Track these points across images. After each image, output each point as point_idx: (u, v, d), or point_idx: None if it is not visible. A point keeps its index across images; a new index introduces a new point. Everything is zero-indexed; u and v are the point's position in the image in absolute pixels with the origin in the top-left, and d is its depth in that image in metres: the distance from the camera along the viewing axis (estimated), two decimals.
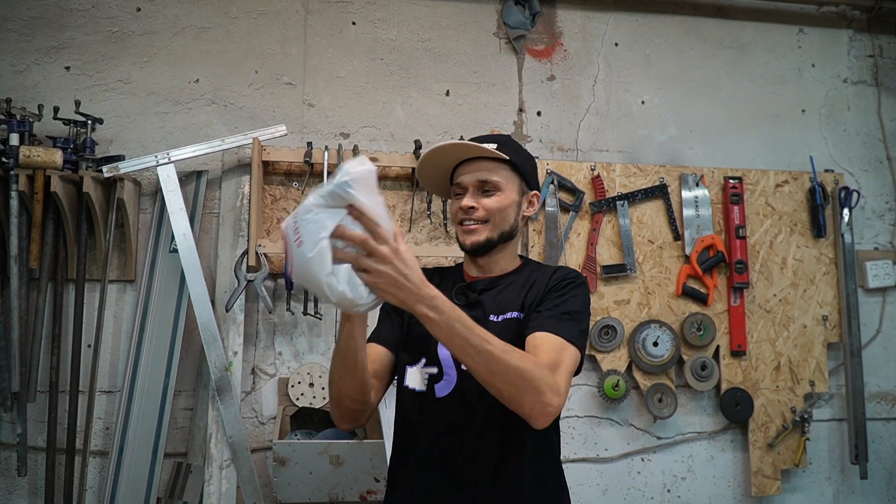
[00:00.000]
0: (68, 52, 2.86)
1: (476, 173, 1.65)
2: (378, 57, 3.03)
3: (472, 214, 1.64)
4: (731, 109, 3.25)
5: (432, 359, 1.65)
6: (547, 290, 1.64)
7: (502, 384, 1.38)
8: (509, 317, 1.63)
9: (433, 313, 1.33)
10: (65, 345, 2.69)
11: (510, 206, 1.67)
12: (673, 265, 3.05)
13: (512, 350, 1.39)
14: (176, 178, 2.70)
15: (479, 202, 1.64)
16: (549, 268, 1.73)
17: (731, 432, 3.09)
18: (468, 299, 1.67)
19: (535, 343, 1.51)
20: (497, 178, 1.65)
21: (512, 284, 1.70)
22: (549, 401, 1.39)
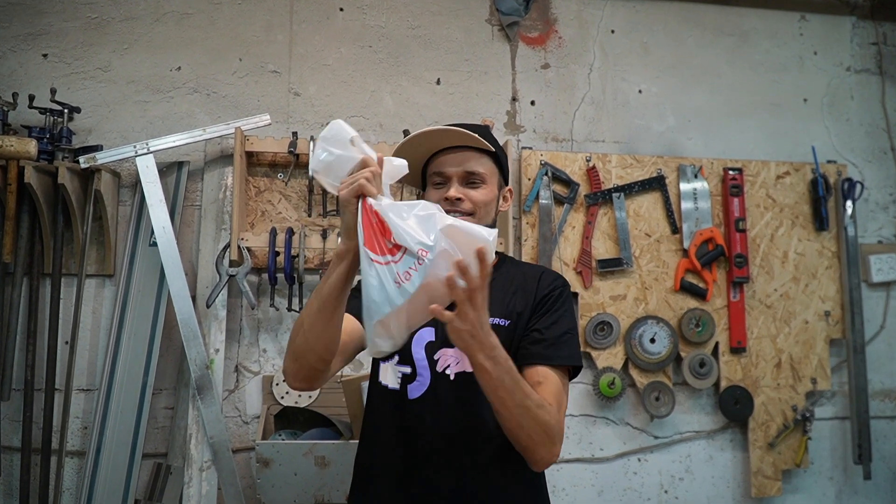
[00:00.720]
0: (46, 38, 2.76)
1: (462, 163, 1.57)
2: (366, 44, 2.93)
3: (458, 206, 1.55)
4: (731, 98, 3.16)
5: (406, 357, 1.59)
6: (536, 302, 1.58)
7: (525, 437, 1.38)
8: (492, 322, 1.53)
9: (489, 364, 1.32)
10: (41, 341, 2.60)
11: (493, 201, 1.61)
12: (671, 259, 2.96)
13: (544, 405, 1.39)
14: (155, 169, 2.61)
15: (466, 193, 1.56)
16: (531, 269, 1.67)
17: (731, 431, 3.00)
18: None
19: (538, 379, 1.47)
20: (483, 170, 1.58)
21: (491, 284, 1.58)
22: (557, 451, 1.42)
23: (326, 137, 1.33)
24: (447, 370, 1.55)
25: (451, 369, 1.55)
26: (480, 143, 1.57)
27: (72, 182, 2.53)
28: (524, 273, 1.64)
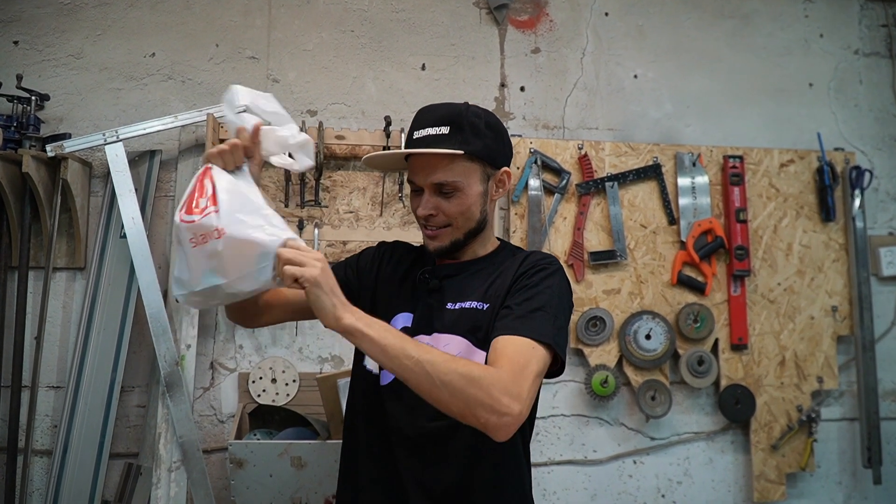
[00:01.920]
0: (17, 25, 2.67)
1: (430, 175, 1.45)
2: (348, 29, 2.82)
3: (431, 222, 1.49)
4: (732, 84, 3.01)
5: None
6: (514, 279, 1.45)
7: (448, 396, 1.23)
8: (467, 306, 1.46)
9: (361, 325, 1.26)
10: (7, 336, 2.50)
11: (474, 204, 1.48)
12: (667, 251, 2.82)
13: (455, 358, 1.27)
14: (125, 158, 2.51)
15: (439, 206, 1.47)
16: (522, 254, 1.55)
17: (732, 433, 2.85)
18: (428, 285, 1.52)
19: (496, 348, 1.33)
20: (454, 178, 1.45)
21: (480, 271, 1.53)
22: (506, 409, 1.23)
23: (224, 98, 1.40)
24: None
25: None
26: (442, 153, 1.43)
27: (38, 171, 2.44)
28: (514, 258, 1.53)
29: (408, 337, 1.29)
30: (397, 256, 1.64)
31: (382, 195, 2.69)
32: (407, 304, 1.54)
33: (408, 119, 2.73)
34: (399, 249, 1.67)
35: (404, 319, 1.52)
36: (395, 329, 1.30)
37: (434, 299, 1.51)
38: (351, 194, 2.70)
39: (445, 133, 1.43)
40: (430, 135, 1.44)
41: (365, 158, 1.55)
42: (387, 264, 1.63)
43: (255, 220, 1.27)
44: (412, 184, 1.50)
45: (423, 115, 1.49)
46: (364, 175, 2.71)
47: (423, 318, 1.50)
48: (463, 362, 1.26)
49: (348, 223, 2.68)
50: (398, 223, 2.71)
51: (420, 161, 1.46)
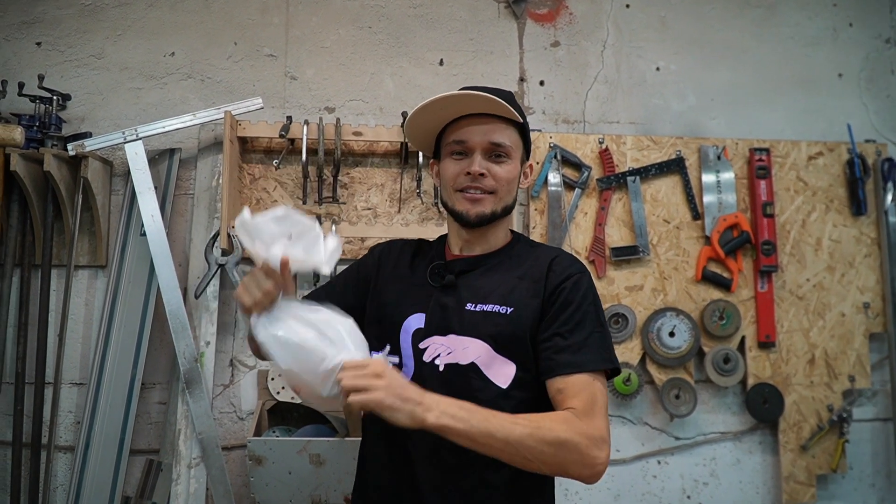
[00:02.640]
0: (40, 26, 2.71)
1: (487, 133, 1.42)
2: (366, 25, 2.81)
3: (480, 182, 1.43)
4: (758, 75, 2.93)
5: (395, 346, 1.47)
6: (548, 294, 1.41)
7: (543, 464, 1.26)
8: (490, 309, 1.42)
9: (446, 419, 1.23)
10: (31, 334, 2.53)
11: (516, 178, 1.48)
12: (692, 247, 2.76)
13: (541, 426, 1.25)
14: (144, 156, 2.53)
15: (489, 168, 1.43)
16: (543, 252, 1.50)
17: (760, 433, 2.78)
18: (443, 281, 1.47)
19: (563, 391, 1.34)
20: (508, 143, 1.44)
21: (497, 266, 1.48)
22: (598, 460, 1.28)
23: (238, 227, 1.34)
24: (436, 360, 1.42)
25: (440, 360, 1.42)
26: (509, 113, 1.41)
27: (59, 170, 2.46)
28: (536, 256, 1.49)
29: (485, 412, 1.25)
30: (395, 255, 1.60)
31: (400, 191, 2.67)
32: (417, 303, 1.49)
33: None
34: (395, 248, 1.63)
35: (417, 321, 1.47)
36: (468, 406, 1.25)
37: (449, 298, 1.46)
38: (369, 191, 2.68)
39: (501, 99, 1.40)
40: (490, 99, 1.40)
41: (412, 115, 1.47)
42: (386, 265, 1.59)
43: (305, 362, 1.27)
44: (460, 144, 1.44)
45: (469, 88, 1.43)
46: (382, 171, 2.70)
47: (436, 319, 1.45)
48: (545, 427, 1.25)
49: (366, 220, 2.66)
50: (416, 219, 2.68)
51: (474, 122, 1.42)
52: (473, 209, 1.44)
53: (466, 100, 1.41)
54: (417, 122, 1.49)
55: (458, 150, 1.45)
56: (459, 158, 1.45)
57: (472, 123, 1.43)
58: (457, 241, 1.54)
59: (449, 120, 1.47)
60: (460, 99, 1.41)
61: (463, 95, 1.40)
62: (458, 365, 1.40)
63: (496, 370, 1.40)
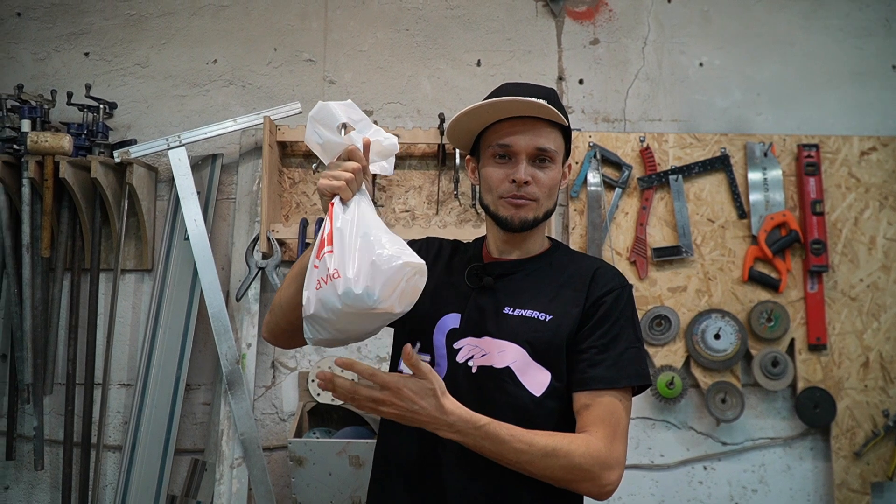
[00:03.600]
0: (87, 37, 2.80)
1: (533, 139, 1.38)
2: (403, 28, 2.82)
3: (526, 191, 1.39)
4: (806, 68, 2.83)
5: (427, 344, 1.44)
6: (589, 305, 1.39)
7: (552, 481, 1.29)
8: (528, 315, 1.39)
9: (459, 437, 1.25)
10: (81, 336, 2.61)
11: (558, 182, 1.44)
12: (738, 247, 2.68)
13: (556, 450, 1.26)
14: (187, 162, 2.58)
15: (534, 175, 1.39)
16: (585, 262, 1.48)
17: (811, 438, 2.69)
18: (481, 283, 1.45)
19: (585, 403, 1.33)
20: (553, 148, 1.39)
21: (536, 273, 1.45)
22: (608, 481, 1.29)
23: (315, 118, 1.30)
24: (469, 362, 1.39)
25: (473, 361, 1.38)
26: (555, 117, 1.37)
27: (106, 177, 2.54)
28: (578, 266, 1.46)
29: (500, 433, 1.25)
30: (433, 252, 1.56)
31: (438, 193, 2.67)
32: (453, 303, 1.45)
33: None
34: (433, 245, 1.60)
35: (453, 320, 1.44)
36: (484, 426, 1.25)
37: (487, 300, 1.43)
38: (407, 193, 2.69)
39: (545, 103, 1.36)
40: (538, 104, 1.36)
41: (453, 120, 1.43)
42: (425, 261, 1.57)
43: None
44: (504, 148, 1.39)
45: (514, 86, 1.41)
46: (420, 174, 2.70)
47: (472, 320, 1.42)
48: (562, 452, 1.26)
49: (404, 222, 2.67)
50: (454, 221, 2.68)
51: (518, 125, 1.38)
52: (518, 215, 1.40)
53: (515, 104, 1.38)
54: (460, 125, 1.47)
55: (501, 153, 1.40)
56: (503, 163, 1.40)
57: (516, 126, 1.38)
58: (495, 244, 1.51)
59: (492, 121, 1.44)
60: (508, 104, 1.37)
61: (511, 101, 1.36)
62: (491, 368, 1.37)
63: (531, 377, 1.37)
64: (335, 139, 1.29)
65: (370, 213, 1.29)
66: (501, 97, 1.37)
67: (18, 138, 2.48)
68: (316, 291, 1.23)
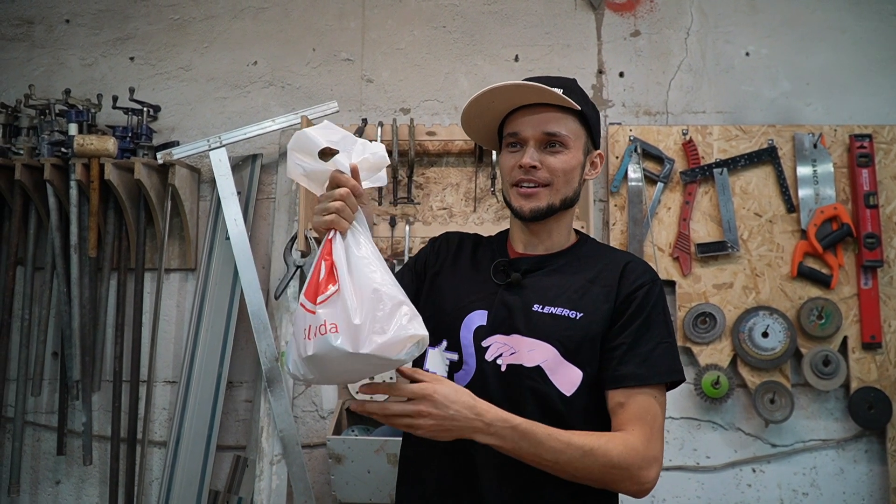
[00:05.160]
0: (133, 42, 2.86)
1: (540, 124, 1.36)
2: (440, 25, 2.80)
3: (533, 175, 1.37)
4: (858, 56, 2.72)
5: (454, 342, 1.41)
6: (620, 301, 1.36)
7: (590, 481, 1.27)
8: (558, 312, 1.36)
9: (496, 440, 1.22)
10: (128, 334, 2.67)
11: (576, 168, 1.40)
12: (786, 242, 2.59)
13: (595, 449, 1.24)
14: (227, 163, 2.62)
15: (543, 160, 1.37)
16: (614, 256, 1.44)
17: (866, 440, 2.58)
18: (508, 278, 1.42)
19: (620, 401, 1.30)
20: (565, 132, 1.37)
21: (564, 267, 1.42)
22: (647, 479, 1.27)
23: (294, 149, 1.23)
24: (498, 360, 1.36)
25: (502, 359, 1.36)
26: (562, 101, 1.35)
27: (149, 178, 2.59)
28: (608, 261, 1.42)
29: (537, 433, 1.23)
30: (454, 247, 1.55)
31: (475, 190, 2.65)
32: (480, 300, 1.43)
33: None
34: (453, 240, 1.57)
35: (479, 318, 1.41)
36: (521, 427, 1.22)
37: (515, 297, 1.40)
38: (444, 191, 2.67)
39: (560, 91, 1.34)
40: (538, 88, 1.34)
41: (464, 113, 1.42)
42: (446, 257, 1.54)
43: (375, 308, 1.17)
44: (513, 136, 1.39)
45: (527, 79, 1.38)
46: (457, 171, 2.68)
47: (500, 317, 1.39)
48: (600, 451, 1.23)
49: (441, 219, 2.65)
50: (492, 218, 2.65)
51: (528, 113, 1.37)
52: (528, 204, 1.38)
53: (517, 92, 1.35)
54: (472, 119, 1.45)
55: (511, 142, 1.40)
56: (514, 151, 1.40)
57: (525, 114, 1.37)
58: (519, 238, 1.48)
59: (504, 113, 1.42)
60: (509, 90, 1.35)
61: (512, 86, 1.34)
62: (521, 367, 1.34)
63: (562, 376, 1.34)
64: (318, 167, 1.23)
65: (369, 250, 1.22)
66: (501, 83, 1.35)
67: (66, 141, 2.55)
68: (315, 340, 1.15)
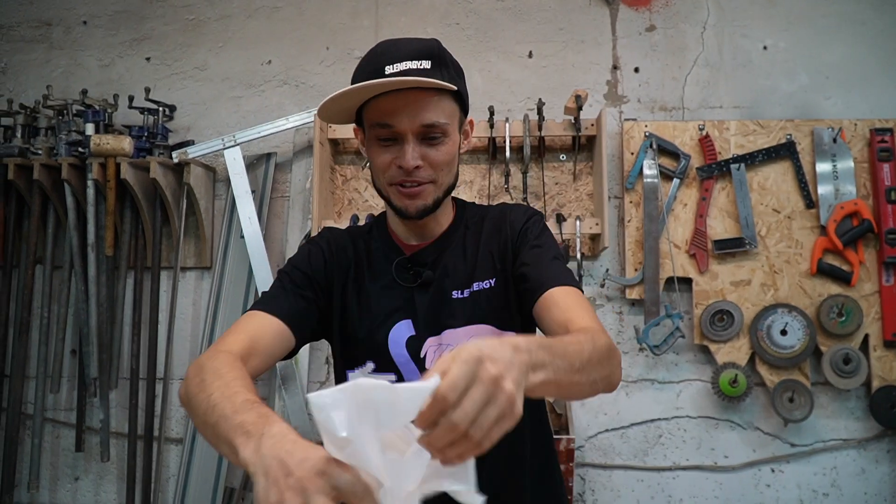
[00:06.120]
0: (149, 43, 2.89)
1: (416, 114, 1.18)
2: (454, 22, 2.80)
3: (417, 175, 1.22)
4: (879, 49, 2.67)
5: (385, 363, 1.26)
6: (515, 241, 1.30)
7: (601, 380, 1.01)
8: (477, 288, 1.29)
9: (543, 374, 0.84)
10: (144, 332, 2.69)
11: (456, 153, 1.27)
12: (805, 238, 2.55)
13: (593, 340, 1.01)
14: (242, 161, 2.63)
15: (425, 155, 1.21)
16: (493, 212, 1.38)
17: (888, 440, 2.53)
18: (421, 279, 1.30)
19: (553, 301, 1.17)
20: (444, 120, 1.20)
21: (459, 242, 1.34)
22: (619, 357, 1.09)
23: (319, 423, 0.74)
24: None
25: None
26: (440, 85, 1.16)
27: (165, 177, 2.61)
28: (490, 217, 1.36)
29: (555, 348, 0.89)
30: (342, 255, 1.36)
31: (489, 187, 2.64)
32: (397, 309, 1.30)
33: (516, 108, 2.68)
34: (334, 241, 1.38)
35: (405, 328, 1.29)
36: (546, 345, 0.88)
37: (431, 293, 1.30)
38: (458, 188, 2.65)
39: (427, 68, 1.18)
40: (410, 69, 1.17)
41: (321, 106, 1.21)
42: (339, 270, 1.35)
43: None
44: (385, 128, 1.19)
45: (390, 47, 1.21)
46: (471, 168, 2.67)
47: (426, 320, 1.29)
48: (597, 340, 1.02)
49: None
50: None
51: (400, 100, 1.17)
52: (413, 204, 1.24)
53: (388, 85, 1.16)
54: (333, 107, 1.23)
55: (385, 136, 1.21)
56: (388, 145, 1.21)
57: (398, 101, 1.17)
58: (404, 231, 1.35)
59: (367, 98, 1.22)
60: (382, 86, 1.16)
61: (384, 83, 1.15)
62: None
63: None
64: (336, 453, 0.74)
65: None
66: (374, 80, 1.15)
67: (83, 141, 2.58)
68: None
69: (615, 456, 2.60)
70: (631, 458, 2.60)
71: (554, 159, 2.65)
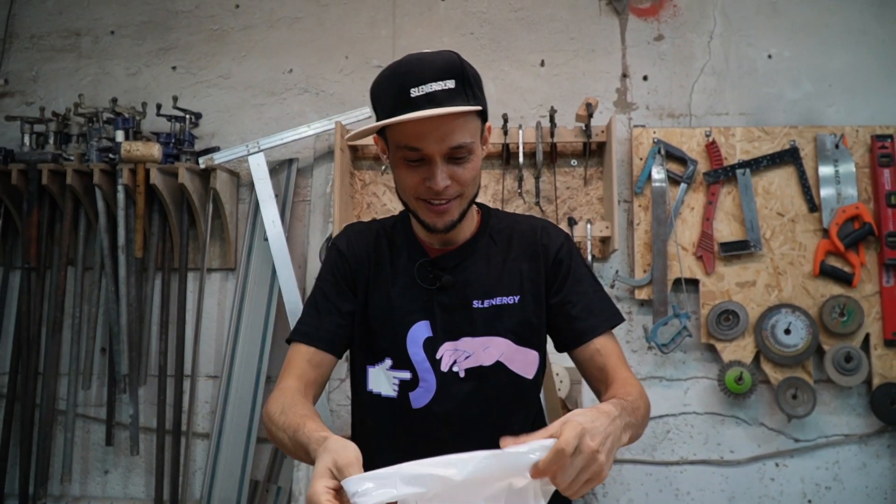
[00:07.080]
0: (175, 52, 3.00)
1: (444, 138, 1.21)
2: (468, 31, 2.90)
3: (447, 193, 1.26)
4: (881, 57, 2.76)
5: (402, 360, 1.35)
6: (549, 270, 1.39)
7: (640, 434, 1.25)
8: (499, 303, 1.36)
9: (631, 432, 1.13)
10: (172, 331, 2.80)
11: (480, 166, 1.31)
12: (808, 241, 2.64)
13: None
14: (265, 167, 2.74)
15: (453, 174, 1.25)
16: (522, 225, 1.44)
17: (889, 436, 2.62)
18: (440, 282, 1.36)
19: (597, 349, 1.35)
20: (469, 140, 1.24)
21: (485, 250, 1.40)
22: None
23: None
24: (454, 367, 1.34)
25: (458, 365, 1.34)
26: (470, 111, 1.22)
27: (192, 182, 2.72)
28: (519, 231, 1.42)
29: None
30: (366, 253, 1.42)
31: (503, 192, 2.74)
32: (417, 310, 1.36)
33: (528, 115, 2.78)
34: (355, 240, 1.44)
35: (423, 329, 1.35)
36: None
37: (451, 298, 1.35)
38: None
39: (452, 87, 1.19)
40: (436, 91, 1.18)
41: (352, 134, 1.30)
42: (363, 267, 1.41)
43: None
44: (414, 151, 1.22)
45: (414, 66, 1.21)
46: (485, 173, 2.77)
47: (444, 324, 1.35)
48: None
49: None
50: None
51: (426, 125, 1.19)
52: (441, 220, 1.29)
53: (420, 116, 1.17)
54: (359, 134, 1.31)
55: (413, 157, 1.24)
56: (415, 166, 1.25)
57: (424, 126, 1.19)
58: (427, 235, 1.39)
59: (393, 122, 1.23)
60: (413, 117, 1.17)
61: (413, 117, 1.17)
62: (480, 367, 1.34)
63: (520, 362, 1.36)
64: None
65: None
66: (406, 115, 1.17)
67: (113, 148, 2.69)
68: None
69: (624, 450, 2.70)
70: (640, 453, 2.70)
71: (565, 164, 2.75)
